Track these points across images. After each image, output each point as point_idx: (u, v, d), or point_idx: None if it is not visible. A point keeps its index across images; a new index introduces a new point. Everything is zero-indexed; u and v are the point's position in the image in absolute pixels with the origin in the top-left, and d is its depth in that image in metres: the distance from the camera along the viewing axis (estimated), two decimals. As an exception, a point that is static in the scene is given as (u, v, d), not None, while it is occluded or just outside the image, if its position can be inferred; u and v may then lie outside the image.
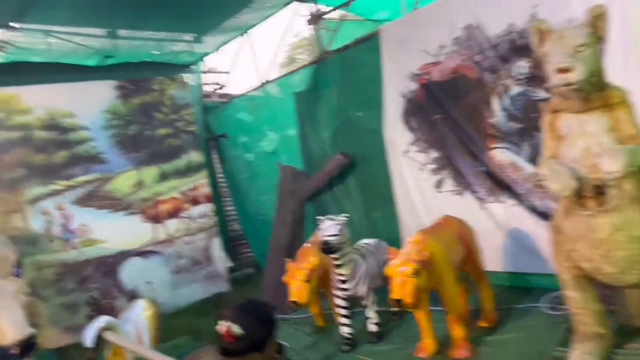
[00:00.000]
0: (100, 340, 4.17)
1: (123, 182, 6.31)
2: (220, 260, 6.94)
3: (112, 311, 6.10)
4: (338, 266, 4.54)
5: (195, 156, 6.90)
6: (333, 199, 6.97)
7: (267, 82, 7.96)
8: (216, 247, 6.90)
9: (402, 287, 3.53)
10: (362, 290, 4.66)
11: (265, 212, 8.07)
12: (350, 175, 6.73)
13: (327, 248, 4.40)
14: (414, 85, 5.82)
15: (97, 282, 6.07)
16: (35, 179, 5.78)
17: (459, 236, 4.32)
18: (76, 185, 6.01)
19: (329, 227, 4.45)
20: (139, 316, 4.69)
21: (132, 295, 6.23)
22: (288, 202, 6.41)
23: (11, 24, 6.22)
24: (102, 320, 4.24)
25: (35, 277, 5.59)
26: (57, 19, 6.35)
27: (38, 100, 5.82)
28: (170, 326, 5.60)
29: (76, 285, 5.93)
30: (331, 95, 6.83)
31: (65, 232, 5.92)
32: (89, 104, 6.13)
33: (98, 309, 6.02)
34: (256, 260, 8.25)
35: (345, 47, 6.60)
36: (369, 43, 6.20)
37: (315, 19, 7.14)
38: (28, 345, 3.52)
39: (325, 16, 7.21)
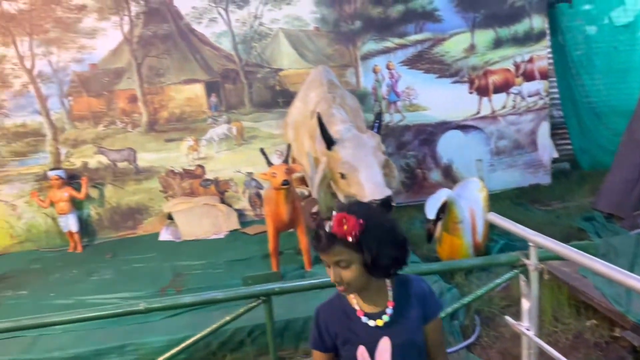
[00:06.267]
0: (440, 213, 3.93)
1: (455, 45, 5.67)
2: (546, 148, 6.01)
3: (425, 181, 5.92)
4: None
5: (537, 22, 5.79)
6: None
7: None
8: (544, 132, 5.97)
9: None
10: None
11: (595, 100, 6.66)
12: None
13: None
14: None
15: (414, 150, 5.83)
16: (370, 34, 5.53)
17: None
18: (407, 44, 5.61)
19: None
20: (475, 195, 4.24)
21: (446, 169, 5.89)
22: (664, 88, 4.95)
23: None
24: (444, 193, 3.93)
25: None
26: None
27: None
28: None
29: (394, 150, 5.79)
30: None
31: (391, 93, 5.69)
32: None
33: (412, 177, 5.87)
34: (573, 154, 7.02)
35: None
36: None
37: None
38: (385, 206, 3.22)
39: None
